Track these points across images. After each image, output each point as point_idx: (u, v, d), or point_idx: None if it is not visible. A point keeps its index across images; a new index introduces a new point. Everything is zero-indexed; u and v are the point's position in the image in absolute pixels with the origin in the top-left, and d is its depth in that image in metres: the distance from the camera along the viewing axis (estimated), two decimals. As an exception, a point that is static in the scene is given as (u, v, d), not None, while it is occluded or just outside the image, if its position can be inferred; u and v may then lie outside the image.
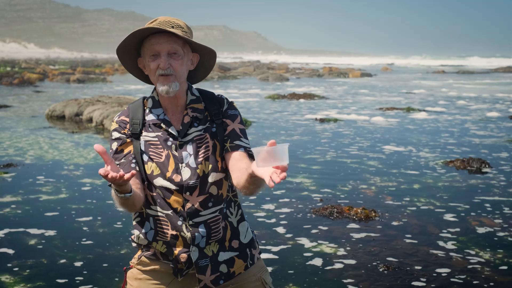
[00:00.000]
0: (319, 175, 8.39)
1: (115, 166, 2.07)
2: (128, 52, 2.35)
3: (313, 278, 4.64)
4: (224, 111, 2.38)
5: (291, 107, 18.79)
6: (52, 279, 4.57)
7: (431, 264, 4.90)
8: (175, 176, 2.29)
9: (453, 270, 4.77)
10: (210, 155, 2.32)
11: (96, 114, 13.95)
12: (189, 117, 2.33)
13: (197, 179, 2.29)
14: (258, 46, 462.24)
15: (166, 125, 2.32)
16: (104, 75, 40.78)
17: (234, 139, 2.34)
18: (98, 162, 9.23)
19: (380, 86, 31.64)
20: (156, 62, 2.25)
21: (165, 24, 2.25)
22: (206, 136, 2.33)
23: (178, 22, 2.30)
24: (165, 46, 2.24)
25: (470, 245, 5.42)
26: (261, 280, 2.46)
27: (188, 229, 2.31)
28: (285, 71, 49.53)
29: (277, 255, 5.11)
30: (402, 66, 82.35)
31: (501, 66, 68.12)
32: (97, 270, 4.77)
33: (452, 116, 16.44)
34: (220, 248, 2.37)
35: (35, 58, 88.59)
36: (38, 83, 32.07)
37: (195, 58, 2.38)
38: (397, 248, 5.31)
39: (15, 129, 13.04)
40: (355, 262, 4.95)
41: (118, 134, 2.35)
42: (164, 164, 2.30)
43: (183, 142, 2.31)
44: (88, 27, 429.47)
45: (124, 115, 2.38)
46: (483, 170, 8.67)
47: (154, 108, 2.36)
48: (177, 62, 2.26)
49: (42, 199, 6.96)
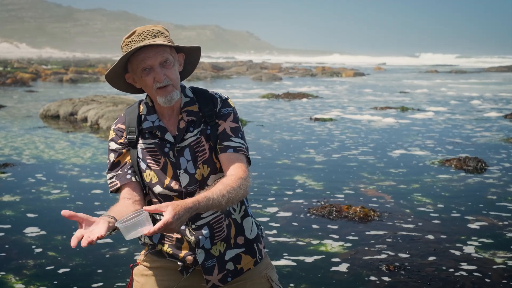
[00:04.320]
0: (316, 174, 8.40)
1: (89, 222, 1.97)
2: (116, 73, 2.31)
3: (312, 277, 4.64)
4: (218, 111, 2.34)
5: (286, 107, 18.80)
6: (53, 279, 4.56)
7: (430, 263, 4.91)
8: (173, 184, 2.27)
9: (453, 268, 4.79)
10: (208, 158, 2.30)
11: (91, 113, 13.90)
12: (185, 122, 2.30)
13: (195, 184, 2.27)
14: (250, 46, 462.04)
15: (162, 132, 2.30)
16: (97, 74, 40.62)
17: (223, 139, 2.31)
18: (95, 161, 9.21)
19: (375, 86, 31.71)
20: (151, 76, 2.22)
21: (146, 35, 2.21)
22: (202, 139, 2.30)
23: (157, 28, 2.26)
24: (156, 58, 2.20)
25: (469, 243, 5.44)
26: (267, 277, 2.45)
27: (191, 233, 2.30)
28: (278, 71, 49.55)
29: (275, 254, 5.11)
30: (394, 66, 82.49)
31: (493, 66, 68.41)
32: (100, 268, 4.75)
33: (448, 115, 16.49)
34: (227, 246, 2.36)
35: (27, 58, 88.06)
36: (31, 83, 31.94)
37: (181, 58, 2.36)
38: (397, 247, 5.32)
39: (10, 129, 12.99)
40: (355, 261, 4.96)
41: (115, 145, 2.35)
42: (162, 171, 2.29)
43: (180, 147, 2.29)
44: (80, 27, 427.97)
45: (121, 123, 2.38)
46: (480, 169, 8.71)
47: (148, 115, 2.33)
48: (170, 70, 2.23)
49: (40, 198, 6.94)
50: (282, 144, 11.13)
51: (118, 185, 2.30)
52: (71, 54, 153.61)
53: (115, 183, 2.31)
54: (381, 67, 66.63)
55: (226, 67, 54.26)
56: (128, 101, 15.48)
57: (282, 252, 5.17)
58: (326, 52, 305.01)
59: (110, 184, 2.33)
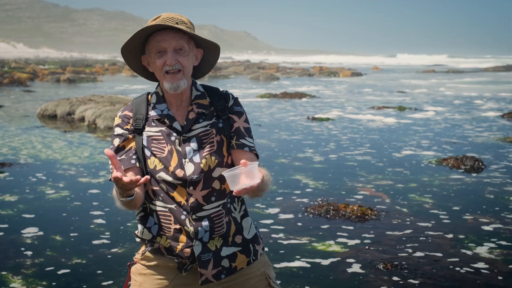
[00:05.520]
0: (314, 173, 8.41)
1: (122, 170, 2.07)
2: (132, 51, 2.36)
3: (309, 275, 4.65)
4: (230, 106, 2.38)
5: (285, 106, 18.80)
6: (52, 278, 4.56)
7: (428, 261, 4.93)
8: (178, 171, 2.28)
9: (450, 266, 4.80)
10: (216, 150, 2.32)
11: (88, 113, 13.89)
12: (195, 113, 2.34)
13: (200, 173, 2.28)
14: (248, 46, 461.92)
15: (170, 120, 2.32)
16: (94, 74, 40.63)
17: (239, 137, 2.36)
18: (92, 161, 9.20)
19: (375, 85, 31.73)
20: (163, 59, 2.25)
21: (169, 21, 2.25)
22: (212, 131, 2.33)
23: (181, 18, 2.30)
24: (171, 42, 2.24)
25: (466, 241, 5.45)
26: (265, 275, 2.47)
27: (191, 223, 2.30)
28: (276, 71, 49.58)
29: (271, 253, 5.12)
30: (391, 65, 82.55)
31: (490, 66, 68.52)
32: (99, 268, 4.75)
33: (446, 115, 16.52)
34: (224, 243, 2.37)
35: (24, 58, 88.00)
36: (29, 82, 31.90)
37: (199, 54, 2.39)
38: (394, 245, 5.33)
39: (7, 129, 12.98)
40: (352, 260, 4.97)
41: (120, 130, 2.35)
42: (167, 158, 2.30)
43: (187, 137, 2.31)
44: (77, 26, 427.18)
45: (128, 110, 2.39)
46: (477, 168, 8.72)
47: (158, 104, 2.36)
48: (184, 58, 2.27)
49: (38, 198, 6.93)
50: (281, 144, 11.14)
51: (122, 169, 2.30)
52: (68, 54, 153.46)
53: None
54: (379, 67, 66.70)
55: (223, 67, 54.25)
56: (126, 101, 15.47)
57: (278, 251, 5.18)
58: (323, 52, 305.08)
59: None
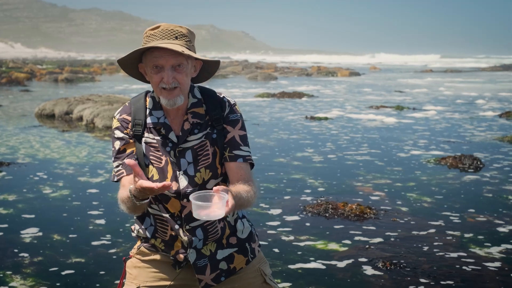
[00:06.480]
0: (313, 172, 8.41)
1: (145, 177, 2.06)
2: (129, 60, 2.28)
3: (308, 274, 4.64)
4: (226, 115, 2.32)
5: (283, 106, 18.80)
6: (52, 277, 4.55)
7: (426, 260, 4.92)
8: (173, 184, 2.25)
9: (449, 265, 4.80)
10: (211, 162, 2.28)
11: (86, 112, 13.88)
12: (189, 124, 2.27)
13: (194, 187, 2.25)
14: (246, 46, 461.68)
15: (166, 130, 2.27)
16: (92, 74, 40.55)
17: (233, 148, 2.31)
18: (90, 160, 9.19)
19: (373, 85, 31.73)
20: (159, 75, 2.18)
21: (168, 34, 2.18)
22: (207, 143, 2.28)
23: (181, 30, 2.21)
24: (168, 60, 2.16)
25: (464, 240, 5.45)
26: (260, 271, 2.47)
27: (185, 234, 2.30)
28: (274, 70, 49.58)
29: (271, 253, 5.11)
30: (389, 65, 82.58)
31: (488, 66, 68.57)
32: (98, 267, 4.75)
33: (444, 114, 16.53)
34: (218, 246, 2.36)
35: (22, 58, 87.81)
36: (26, 82, 31.86)
37: (198, 65, 2.31)
38: (393, 244, 5.33)
39: (5, 128, 12.96)
40: (351, 258, 4.96)
41: (121, 134, 2.31)
42: (163, 170, 2.27)
43: (182, 148, 2.27)
44: (75, 26, 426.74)
45: (126, 113, 2.33)
46: (475, 167, 8.73)
47: (154, 110, 2.30)
48: (181, 75, 2.19)
49: (36, 197, 6.92)
50: (280, 143, 11.14)
51: (124, 174, 2.27)
52: (66, 54, 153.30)
53: (121, 171, 2.28)
54: (377, 67, 66.71)
55: (221, 66, 54.19)
56: (124, 100, 15.45)
57: (276, 249, 5.18)
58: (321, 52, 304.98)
59: (117, 173, 2.29)
